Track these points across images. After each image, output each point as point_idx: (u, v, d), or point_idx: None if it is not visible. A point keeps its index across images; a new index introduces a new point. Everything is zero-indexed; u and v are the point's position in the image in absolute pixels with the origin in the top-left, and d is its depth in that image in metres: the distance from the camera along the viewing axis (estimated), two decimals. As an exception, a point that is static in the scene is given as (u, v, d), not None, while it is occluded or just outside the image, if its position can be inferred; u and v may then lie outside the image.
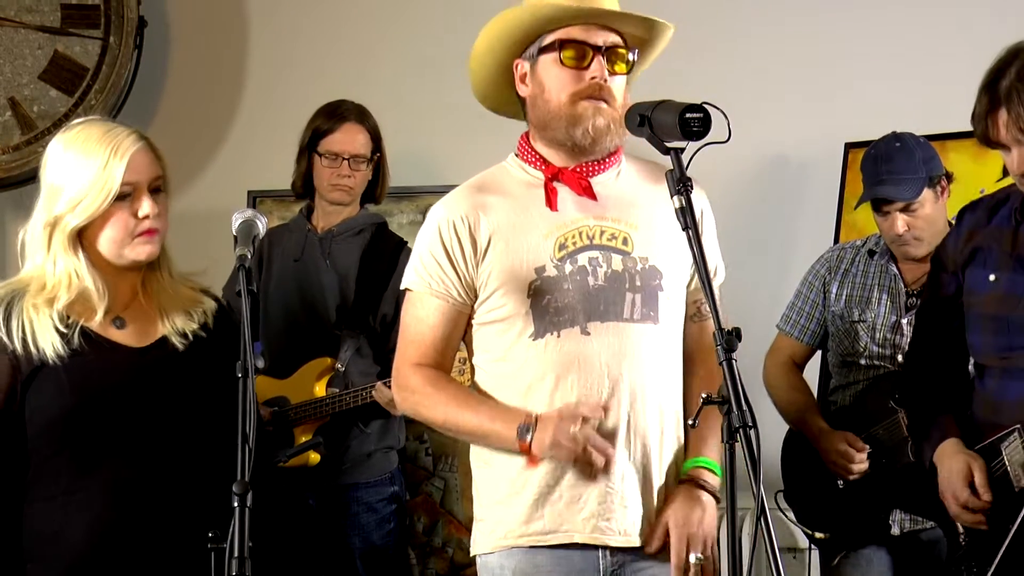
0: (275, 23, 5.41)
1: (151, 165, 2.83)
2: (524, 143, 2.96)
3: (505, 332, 2.86)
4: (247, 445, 2.40)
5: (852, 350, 4.07)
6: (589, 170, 2.90)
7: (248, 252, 2.64)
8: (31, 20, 5.13)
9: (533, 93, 2.88)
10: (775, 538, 2.29)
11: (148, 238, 2.83)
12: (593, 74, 2.82)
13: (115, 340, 2.84)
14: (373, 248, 4.30)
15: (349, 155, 4.27)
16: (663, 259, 2.87)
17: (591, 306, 2.82)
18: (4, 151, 5.08)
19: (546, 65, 2.85)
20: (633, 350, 2.83)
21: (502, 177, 2.95)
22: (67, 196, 2.78)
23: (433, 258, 2.87)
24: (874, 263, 4.09)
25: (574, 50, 2.83)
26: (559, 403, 2.81)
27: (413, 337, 2.90)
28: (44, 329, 2.77)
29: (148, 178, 2.82)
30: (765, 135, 4.92)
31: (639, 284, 2.85)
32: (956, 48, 4.91)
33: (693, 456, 2.90)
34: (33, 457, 2.80)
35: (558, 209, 2.86)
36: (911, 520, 3.94)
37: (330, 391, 4.16)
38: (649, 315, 2.85)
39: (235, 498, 2.36)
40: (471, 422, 2.85)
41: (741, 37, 5.12)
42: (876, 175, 3.95)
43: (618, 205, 2.89)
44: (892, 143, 3.99)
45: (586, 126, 2.82)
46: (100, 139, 2.79)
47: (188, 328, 2.87)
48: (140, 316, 2.88)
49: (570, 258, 2.84)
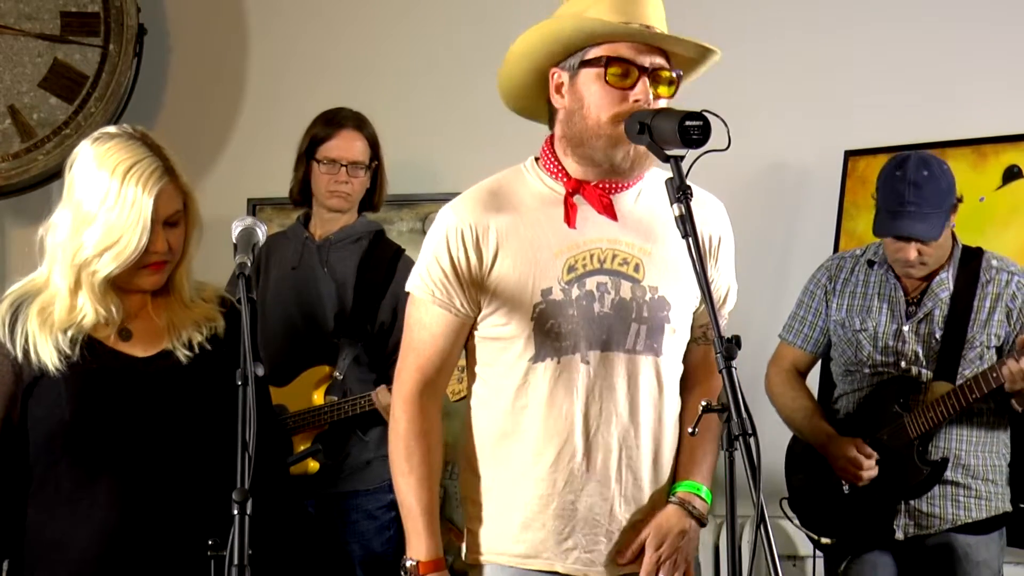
0: (274, 31, 5.42)
1: (171, 200, 2.80)
2: (548, 151, 2.85)
3: (505, 351, 2.82)
4: (247, 453, 2.40)
5: (856, 359, 4.07)
6: (612, 187, 2.82)
7: (248, 260, 2.64)
8: (31, 28, 5.13)
9: (570, 106, 2.76)
10: (775, 546, 2.29)
11: (155, 270, 2.82)
12: (637, 96, 2.70)
13: (119, 350, 2.83)
14: (371, 256, 4.29)
15: (347, 162, 4.27)
16: (673, 290, 2.81)
17: (594, 334, 2.77)
18: (4, 159, 5.08)
19: (587, 79, 2.72)
20: (631, 382, 2.79)
21: (518, 185, 2.86)
22: (96, 234, 2.74)
23: (439, 266, 2.81)
24: (873, 273, 4.08)
25: (620, 68, 2.70)
26: (552, 428, 2.78)
27: (416, 344, 2.87)
28: (45, 340, 2.76)
29: (165, 214, 2.79)
30: (765, 143, 4.93)
31: (646, 315, 2.79)
32: (955, 57, 4.92)
33: (685, 479, 2.87)
34: (35, 466, 2.80)
35: (576, 227, 2.79)
36: (915, 525, 3.94)
37: (328, 399, 4.16)
38: (652, 347, 2.80)
39: (235, 506, 2.35)
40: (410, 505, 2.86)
41: (741, 45, 5.12)
42: (901, 203, 3.85)
43: (635, 228, 2.81)
44: (920, 169, 3.87)
45: (627, 150, 2.72)
46: (130, 170, 2.75)
47: (195, 340, 2.86)
48: (147, 327, 2.86)
49: (578, 281, 2.77)
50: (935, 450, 3.92)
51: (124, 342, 2.84)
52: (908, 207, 3.84)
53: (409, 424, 2.85)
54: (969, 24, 4.96)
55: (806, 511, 4.19)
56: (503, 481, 2.84)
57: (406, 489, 2.85)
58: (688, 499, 2.84)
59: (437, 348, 2.85)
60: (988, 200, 4.65)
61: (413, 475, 2.85)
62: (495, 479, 2.85)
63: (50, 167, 5.10)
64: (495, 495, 2.86)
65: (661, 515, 2.84)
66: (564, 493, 2.79)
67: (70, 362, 2.76)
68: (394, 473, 2.89)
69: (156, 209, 2.75)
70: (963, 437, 3.92)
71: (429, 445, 2.86)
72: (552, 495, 2.79)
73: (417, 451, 2.85)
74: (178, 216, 2.82)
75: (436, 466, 2.87)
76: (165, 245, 2.79)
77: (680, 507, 2.84)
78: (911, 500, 3.92)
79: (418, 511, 2.84)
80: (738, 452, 2.31)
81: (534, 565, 2.83)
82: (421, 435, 2.85)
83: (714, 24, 5.07)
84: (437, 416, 2.89)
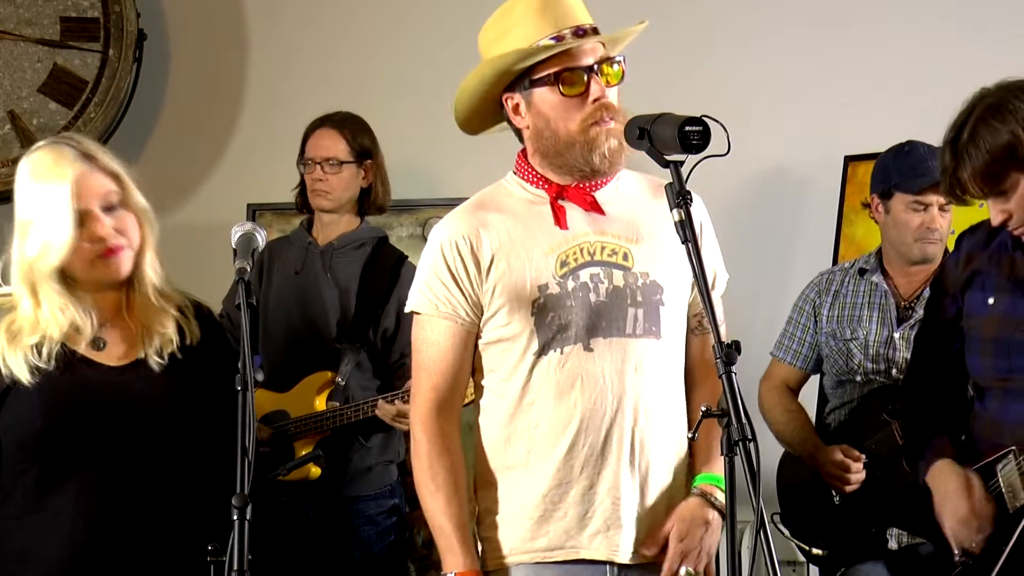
0: (275, 36, 5.42)
1: (94, 183, 2.77)
2: (522, 163, 2.95)
3: (510, 350, 2.85)
4: (247, 458, 2.39)
5: (847, 368, 4.08)
6: (593, 186, 2.89)
7: (248, 265, 2.63)
8: (31, 33, 5.14)
9: (536, 125, 2.86)
10: (774, 551, 2.29)
11: (112, 258, 2.78)
12: (595, 96, 2.81)
13: (92, 358, 2.81)
14: (374, 262, 4.30)
15: (320, 159, 4.28)
16: (664, 274, 2.87)
17: (593, 322, 2.81)
18: (3, 164, 5.08)
19: (543, 97, 2.83)
20: (636, 365, 2.83)
21: (501, 195, 2.94)
22: (33, 236, 2.75)
23: (438, 279, 2.86)
24: (864, 281, 4.09)
25: (570, 78, 2.80)
26: (563, 417, 2.81)
27: (426, 364, 2.89)
28: (14, 354, 2.74)
29: (97, 198, 2.77)
30: (765, 148, 4.93)
31: (640, 299, 2.84)
32: (955, 62, 4.92)
33: (705, 471, 2.89)
34: (4, 475, 2.77)
35: (568, 227, 2.86)
36: (909, 535, 3.94)
37: (330, 405, 4.15)
38: (651, 330, 2.85)
39: (234, 511, 2.35)
40: (441, 523, 2.85)
41: (741, 50, 5.13)
42: (928, 166, 3.89)
43: (619, 220, 2.89)
44: (924, 145, 3.96)
45: (602, 151, 2.81)
46: (49, 168, 2.76)
47: (168, 347, 2.82)
48: (121, 335, 2.84)
49: (572, 275, 2.83)
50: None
51: (98, 351, 2.82)
52: (933, 168, 3.86)
53: (430, 444, 2.88)
54: (970, 29, 4.97)
55: (798, 523, 4.19)
56: (518, 480, 2.85)
57: (435, 508, 2.87)
58: (710, 491, 2.87)
59: (448, 363, 2.87)
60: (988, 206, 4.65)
61: (440, 493, 2.86)
62: (510, 481, 2.87)
63: (50, 172, 5.10)
64: (512, 496, 2.87)
65: (684, 506, 2.86)
66: (581, 479, 2.81)
67: (42, 373, 2.74)
68: (421, 494, 2.91)
69: (78, 195, 2.73)
70: None
71: (452, 462, 2.88)
72: (571, 482, 2.81)
73: (441, 469, 2.87)
74: (113, 198, 2.79)
75: (461, 481, 2.89)
76: (107, 229, 2.76)
77: (703, 498, 2.86)
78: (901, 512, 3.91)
79: (450, 528, 2.85)
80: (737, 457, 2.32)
81: (559, 556, 2.83)
82: (443, 453, 2.87)
83: (714, 29, 5.09)
84: (456, 432, 2.92)
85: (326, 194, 4.29)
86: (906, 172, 3.98)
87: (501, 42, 2.85)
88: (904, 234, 4.02)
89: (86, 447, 2.74)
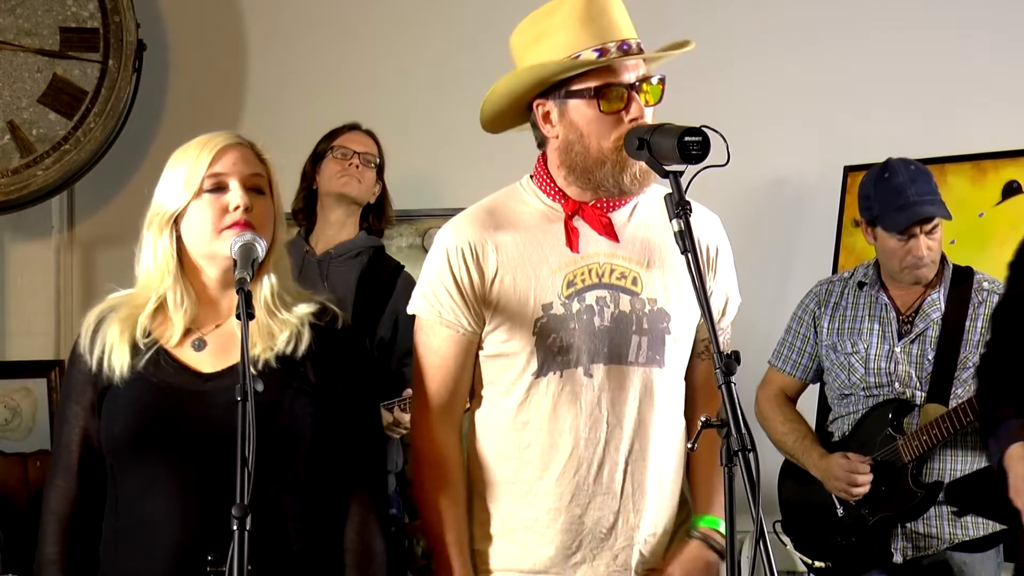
0: (274, 47, 5.43)
1: (244, 161, 2.75)
2: (542, 171, 2.86)
3: (508, 367, 2.81)
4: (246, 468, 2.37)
5: (849, 382, 4.07)
6: (609, 206, 2.82)
7: (248, 275, 2.60)
8: (30, 43, 5.13)
9: (567, 136, 2.76)
10: (774, 562, 2.28)
11: (238, 231, 2.69)
12: (633, 116, 2.71)
13: (186, 363, 2.73)
14: (370, 271, 4.30)
15: (362, 151, 4.35)
16: (672, 301, 2.81)
17: (595, 347, 2.77)
18: (3, 174, 5.08)
19: (579, 109, 2.74)
20: (635, 394, 2.79)
21: (515, 204, 2.86)
22: (162, 190, 2.75)
23: (443, 286, 2.80)
24: (864, 294, 4.08)
25: (612, 94, 2.71)
26: (557, 442, 2.78)
27: (428, 371, 2.86)
28: (121, 348, 2.70)
29: (240, 172, 2.73)
30: (764, 158, 4.93)
31: (646, 327, 2.79)
32: (955, 73, 4.93)
33: (704, 513, 2.87)
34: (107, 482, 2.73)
35: (579, 251, 2.79)
36: (913, 547, 3.94)
37: (328, 414, 4.15)
38: (655, 359, 2.80)
39: (234, 521, 2.33)
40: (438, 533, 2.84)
41: (740, 60, 5.14)
42: (905, 197, 3.91)
43: (632, 242, 2.82)
44: (905, 167, 3.98)
45: (633, 171, 2.73)
46: (198, 142, 2.78)
47: (264, 356, 2.70)
48: (225, 340, 2.75)
49: (577, 296, 2.77)
50: (929, 472, 3.92)
51: (197, 352, 2.75)
52: (912, 197, 3.87)
53: (429, 452, 2.87)
54: (969, 40, 4.97)
55: (800, 535, 4.18)
56: (509, 498, 2.83)
57: (432, 517, 2.86)
58: (709, 534, 2.85)
59: (449, 372, 2.84)
60: (988, 216, 4.66)
61: (436, 504, 2.85)
62: (501, 497, 2.85)
63: (49, 183, 5.10)
64: (502, 512, 2.85)
65: (686, 550, 2.84)
66: (571, 507, 2.79)
67: (135, 373, 2.70)
68: (418, 501, 2.91)
69: (217, 163, 2.73)
70: (957, 458, 3.92)
71: (449, 470, 2.86)
72: (560, 509, 2.79)
73: (439, 478, 2.86)
74: (258, 182, 2.76)
75: (460, 492, 2.87)
76: (246, 200, 2.71)
77: (703, 542, 2.84)
78: (907, 523, 3.91)
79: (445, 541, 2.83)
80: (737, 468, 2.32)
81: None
82: (440, 462, 2.86)
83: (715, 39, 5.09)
84: (456, 441, 2.89)
85: (359, 181, 4.33)
86: (886, 206, 3.97)
87: (539, 45, 2.77)
88: (892, 261, 4.01)
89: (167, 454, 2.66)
